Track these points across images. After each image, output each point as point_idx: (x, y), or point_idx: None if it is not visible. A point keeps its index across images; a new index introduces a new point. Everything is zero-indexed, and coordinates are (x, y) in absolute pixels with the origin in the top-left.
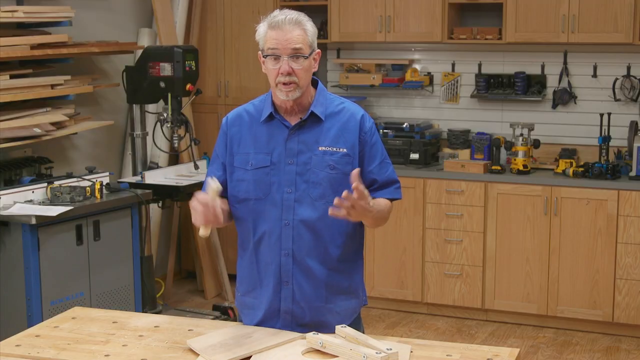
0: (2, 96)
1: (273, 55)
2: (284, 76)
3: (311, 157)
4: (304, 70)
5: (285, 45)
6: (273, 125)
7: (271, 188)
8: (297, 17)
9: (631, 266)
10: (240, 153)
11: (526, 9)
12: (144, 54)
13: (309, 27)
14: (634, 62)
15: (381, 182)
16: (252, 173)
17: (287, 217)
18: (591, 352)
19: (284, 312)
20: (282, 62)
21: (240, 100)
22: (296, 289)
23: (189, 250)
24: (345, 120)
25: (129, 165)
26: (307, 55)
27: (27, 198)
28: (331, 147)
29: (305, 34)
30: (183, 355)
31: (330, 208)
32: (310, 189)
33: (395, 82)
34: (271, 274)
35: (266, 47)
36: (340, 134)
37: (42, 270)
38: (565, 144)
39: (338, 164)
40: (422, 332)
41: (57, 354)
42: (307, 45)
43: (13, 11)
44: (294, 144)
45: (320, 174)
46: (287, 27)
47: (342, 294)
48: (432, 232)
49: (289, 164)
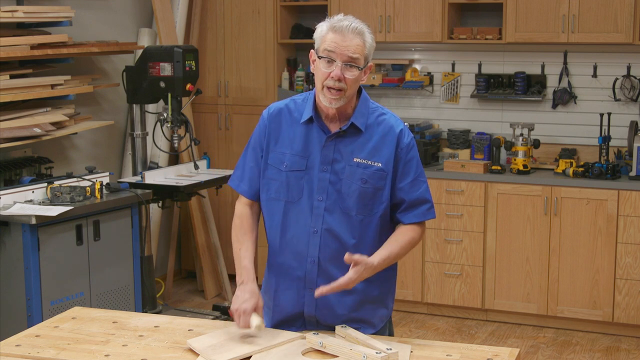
0: (2, 96)
1: (328, 57)
2: (333, 81)
3: (345, 168)
4: (354, 81)
5: (342, 51)
6: (312, 129)
7: (303, 193)
8: (360, 27)
9: (631, 266)
10: (276, 151)
11: (526, 9)
12: (144, 54)
13: (369, 39)
14: (634, 62)
15: (410, 201)
16: (286, 175)
17: (316, 225)
18: (591, 352)
19: (308, 316)
20: (336, 66)
21: (240, 100)
22: (320, 297)
23: (189, 250)
24: (385, 133)
25: (129, 165)
26: (361, 67)
27: (27, 198)
28: (366, 160)
29: (364, 45)
30: (183, 355)
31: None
32: (340, 200)
33: (395, 82)
34: (295, 279)
35: (322, 48)
36: (378, 148)
37: (42, 270)
38: (565, 144)
39: (371, 178)
40: (422, 332)
41: (57, 354)
42: (363, 56)
43: (13, 11)
44: (330, 151)
45: (353, 186)
46: (349, 34)
47: (369, 303)
48: (432, 232)
49: (323, 171)
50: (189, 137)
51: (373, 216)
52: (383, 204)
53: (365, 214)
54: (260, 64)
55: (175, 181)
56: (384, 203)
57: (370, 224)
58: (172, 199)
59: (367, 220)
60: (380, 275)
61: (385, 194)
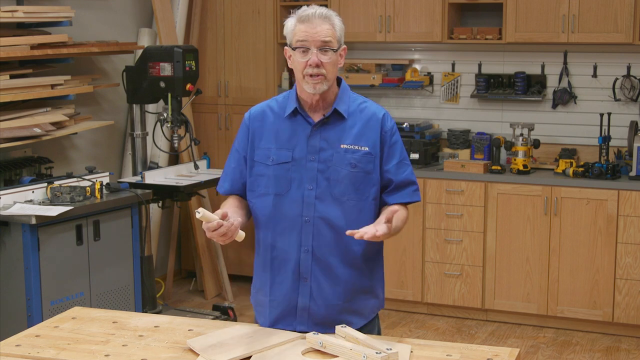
0: (2, 96)
1: (302, 47)
2: (312, 68)
3: (333, 155)
4: (332, 64)
5: (315, 38)
6: (296, 122)
7: (291, 184)
8: (325, 12)
9: (631, 266)
10: (261, 148)
11: (526, 9)
12: (144, 54)
13: (337, 22)
14: (634, 62)
15: (397, 182)
16: (273, 168)
17: (308, 213)
18: (591, 352)
19: (301, 308)
20: (311, 54)
21: (240, 100)
22: (314, 286)
23: (189, 250)
24: (368, 119)
25: (129, 165)
26: (335, 49)
27: (27, 198)
28: (353, 145)
29: (333, 28)
30: (183, 355)
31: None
32: (331, 187)
33: (395, 82)
34: (289, 270)
35: (295, 40)
36: (363, 133)
37: (42, 270)
38: (565, 144)
39: (359, 162)
40: (422, 332)
41: (57, 354)
42: (336, 39)
43: (13, 11)
44: (316, 140)
45: (342, 172)
46: (317, 20)
47: (362, 293)
48: (432, 232)
49: (311, 161)
50: (189, 137)
51: (365, 201)
52: (374, 187)
53: (357, 198)
54: (260, 64)
55: (175, 181)
56: (375, 186)
57: (364, 209)
58: (172, 199)
59: (359, 205)
60: (369, 265)
61: (375, 177)
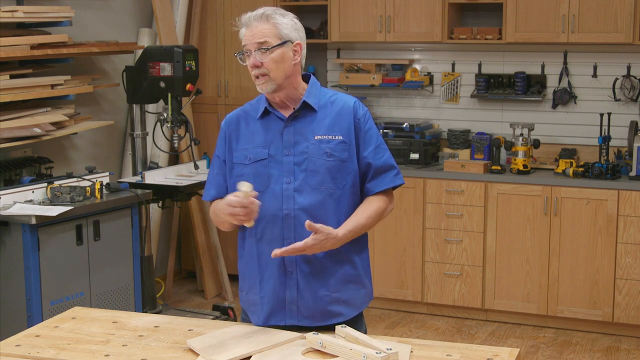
0: (2, 96)
1: (246, 52)
2: (252, 69)
3: (308, 147)
4: (274, 62)
5: (251, 41)
6: (269, 120)
7: (270, 180)
8: (264, 12)
9: (631, 266)
10: (239, 149)
11: (526, 9)
12: (144, 54)
13: (280, 19)
14: (634, 62)
15: (377, 167)
16: (251, 167)
17: (288, 206)
18: (591, 352)
19: (290, 302)
20: (252, 57)
21: (241, 100)
22: (300, 278)
23: (189, 250)
24: (339, 108)
25: (129, 165)
26: (271, 46)
27: (27, 198)
28: (327, 135)
29: (274, 27)
30: (183, 355)
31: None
32: (309, 178)
33: (395, 82)
34: (275, 265)
35: (242, 46)
36: (335, 122)
37: (42, 270)
38: (565, 144)
39: (335, 151)
40: (422, 332)
41: (57, 354)
42: (275, 37)
43: (13, 11)
44: (290, 135)
45: (318, 162)
46: (254, 23)
47: (349, 283)
48: (432, 232)
49: (287, 155)
50: (189, 137)
51: (343, 189)
52: (350, 174)
53: (334, 187)
54: None
55: (175, 181)
56: (351, 173)
57: (342, 198)
58: (172, 199)
59: (337, 194)
60: (353, 254)
61: (350, 166)
